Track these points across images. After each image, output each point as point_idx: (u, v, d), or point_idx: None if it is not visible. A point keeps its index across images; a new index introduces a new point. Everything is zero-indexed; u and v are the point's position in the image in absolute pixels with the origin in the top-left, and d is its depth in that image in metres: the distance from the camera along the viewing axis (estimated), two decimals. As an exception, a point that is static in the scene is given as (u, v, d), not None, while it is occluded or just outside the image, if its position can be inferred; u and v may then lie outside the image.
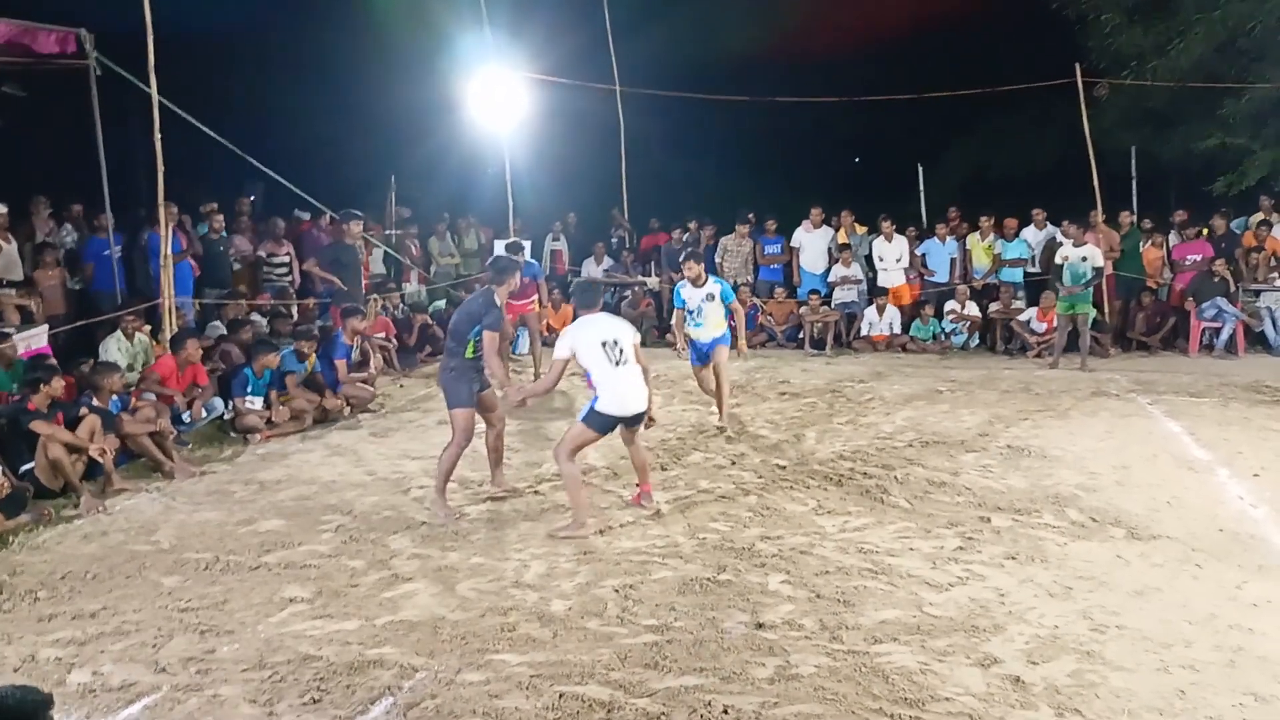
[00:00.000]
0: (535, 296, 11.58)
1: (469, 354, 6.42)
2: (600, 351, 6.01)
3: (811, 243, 14.31)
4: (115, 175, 10.15)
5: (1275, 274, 12.92)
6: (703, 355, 8.85)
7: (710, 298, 8.64)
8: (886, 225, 14.02)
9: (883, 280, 14.03)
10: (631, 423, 6.20)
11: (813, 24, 19.60)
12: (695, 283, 8.69)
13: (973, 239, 14.06)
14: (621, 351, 6.04)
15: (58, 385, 7.26)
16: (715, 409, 9.00)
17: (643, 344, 6.47)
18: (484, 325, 6.34)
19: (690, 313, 8.74)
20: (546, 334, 14.21)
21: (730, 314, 8.88)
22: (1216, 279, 12.70)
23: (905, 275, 14.01)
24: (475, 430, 6.56)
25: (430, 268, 14.68)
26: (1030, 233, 13.93)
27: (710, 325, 8.69)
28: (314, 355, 9.64)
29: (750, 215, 14.77)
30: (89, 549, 5.87)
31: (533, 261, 12.09)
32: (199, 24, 12.82)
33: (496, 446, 6.82)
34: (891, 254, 13.94)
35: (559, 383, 6.34)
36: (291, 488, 7.16)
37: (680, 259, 9.19)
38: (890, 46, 19.40)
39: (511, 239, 11.33)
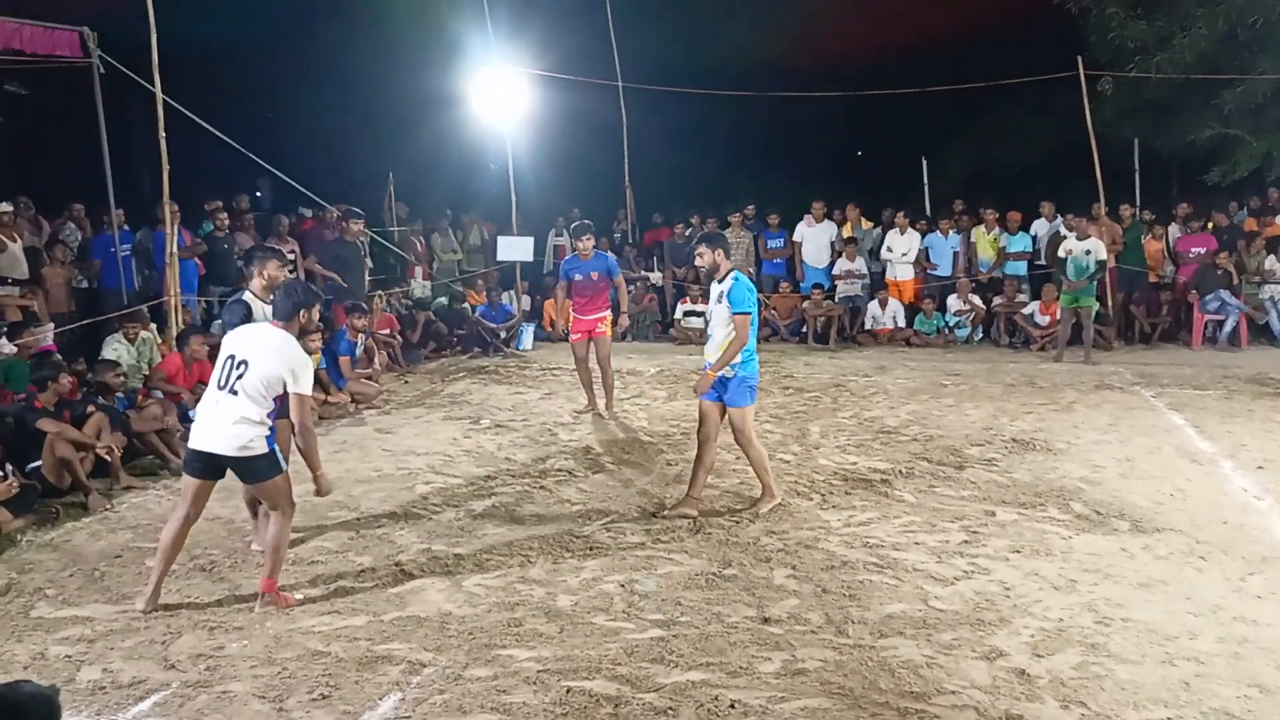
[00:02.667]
0: (606, 311, 9.25)
1: None
2: (220, 365, 4.86)
3: (813, 237, 14.31)
4: (119, 174, 10.18)
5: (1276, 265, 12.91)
6: (714, 390, 6.23)
7: (720, 298, 6.21)
8: (900, 218, 14.03)
9: (891, 273, 14.05)
10: (236, 472, 4.90)
11: (815, 19, 19.58)
12: (712, 275, 6.37)
13: (977, 232, 14.07)
14: (240, 377, 4.74)
15: (65, 383, 7.31)
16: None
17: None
18: (226, 322, 5.47)
19: (706, 321, 7.22)
20: (548, 329, 14.30)
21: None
22: (1220, 271, 12.70)
23: (912, 269, 14.02)
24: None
25: (433, 264, 14.70)
26: (1040, 225, 13.94)
27: (718, 339, 6.21)
28: (320, 351, 9.65)
29: (747, 209, 14.77)
30: (97, 546, 5.90)
31: (605, 254, 9.69)
32: (203, 23, 12.84)
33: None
34: (902, 247, 13.95)
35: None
36: (297, 484, 7.10)
37: (693, 243, 6.73)
38: (893, 41, 19.38)
39: (577, 222, 9.82)
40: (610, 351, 9.38)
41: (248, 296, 5.53)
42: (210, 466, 4.86)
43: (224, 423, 4.74)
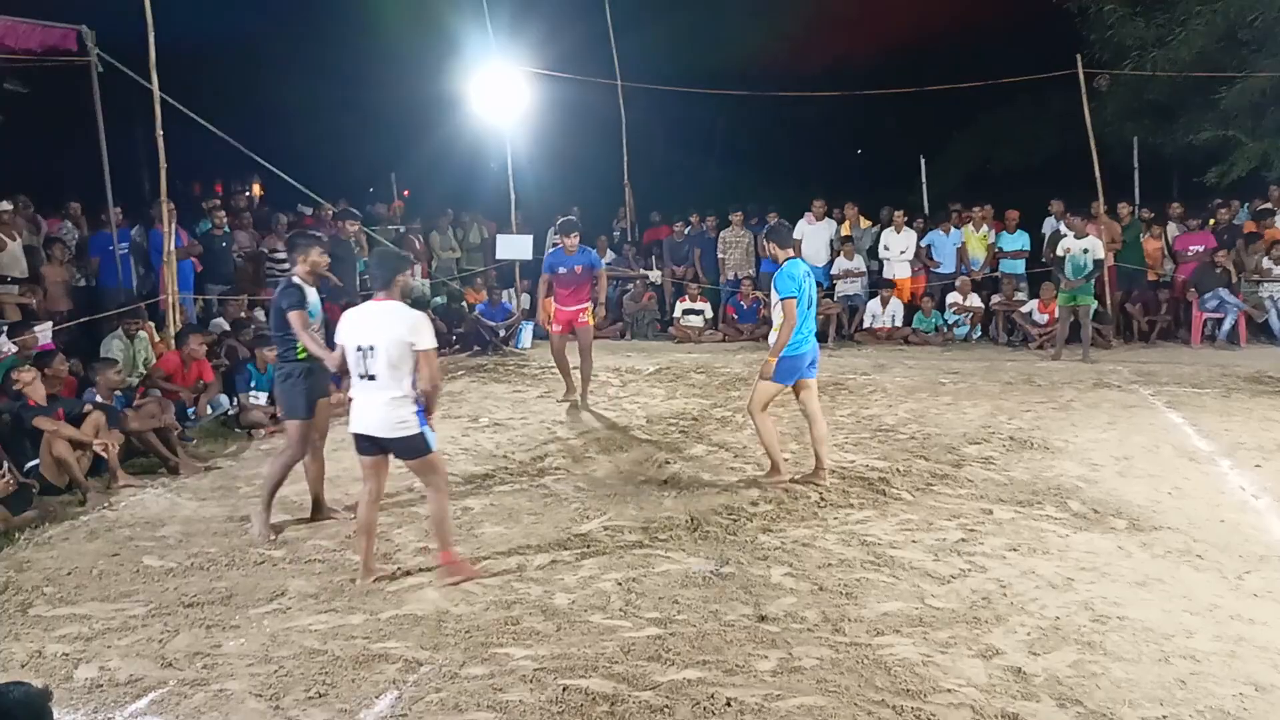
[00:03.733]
0: (588, 303, 9.54)
1: (300, 355, 5.90)
2: (354, 356, 5.08)
3: (814, 235, 14.29)
4: (118, 172, 10.18)
5: (1275, 264, 12.90)
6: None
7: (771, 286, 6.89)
8: (898, 216, 14.02)
9: (888, 272, 14.04)
10: (393, 451, 5.17)
11: (814, 18, 19.59)
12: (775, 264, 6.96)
13: (967, 231, 14.07)
14: (374, 361, 4.98)
15: (32, 374, 7.16)
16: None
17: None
18: (285, 308, 5.76)
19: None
20: (546, 326, 14.24)
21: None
22: (1219, 270, 12.70)
23: (910, 267, 14.01)
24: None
25: (432, 262, 14.69)
26: (1049, 223, 13.94)
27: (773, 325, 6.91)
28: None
29: (744, 210, 14.78)
30: (95, 545, 5.90)
31: (587, 249, 9.89)
32: (201, 21, 12.84)
33: (314, 468, 6.28)
34: (898, 245, 13.94)
35: (336, 366, 5.40)
36: (296, 482, 7.13)
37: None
38: (892, 40, 19.39)
39: (563, 219, 9.88)
40: (591, 341, 9.56)
41: (297, 280, 5.86)
42: (375, 445, 5.12)
43: (376, 407, 5.00)
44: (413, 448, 5.07)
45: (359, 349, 5.01)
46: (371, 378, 4.98)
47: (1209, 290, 12.68)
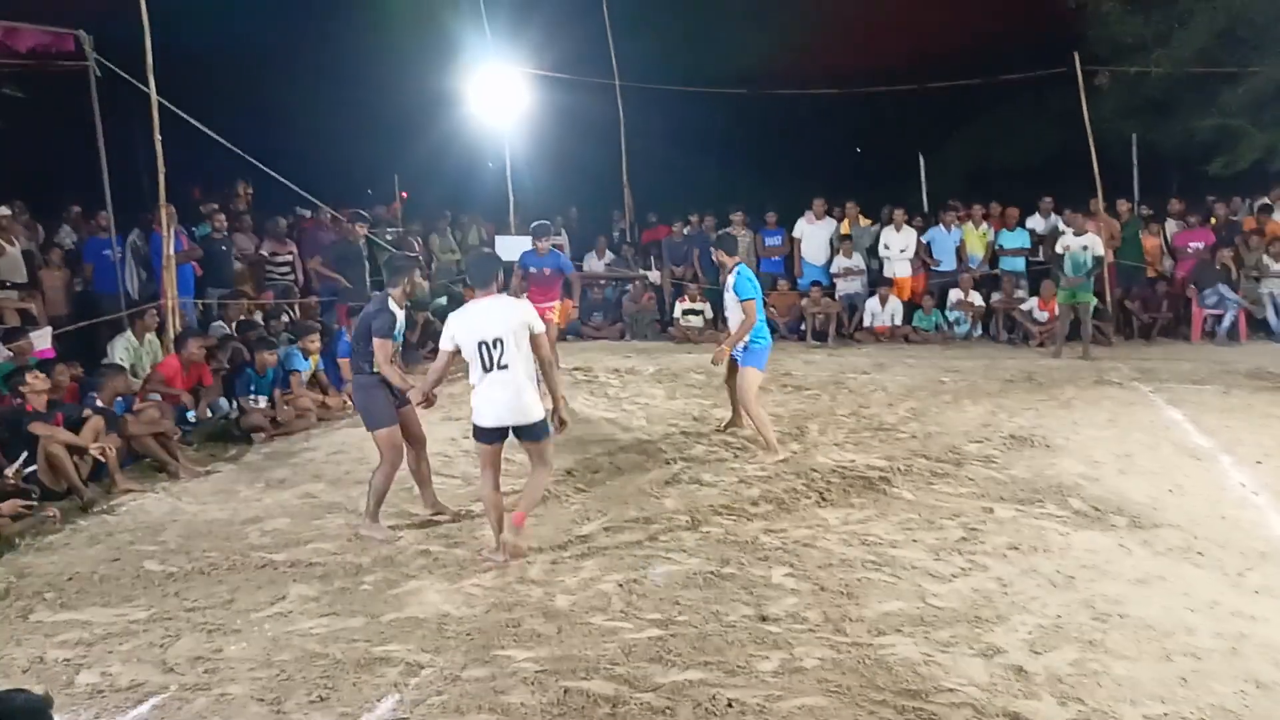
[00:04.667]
0: (556, 301, 9.96)
1: (375, 369, 5.97)
2: (475, 354, 5.34)
3: (814, 234, 14.30)
4: (116, 176, 10.17)
5: (1274, 260, 12.90)
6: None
7: (729, 289, 7.75)
8: (898, 214, 14.01)
9: (889, 270, 14.03)
10: (521, 436, 5.49)
11: (811, 16, 19.55)
12: (724, 270, 7.90)
13: (966, 228, 14.07)
14: (502, 353, 5.30)
15: (42, 380, 7.20)
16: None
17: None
18: (374, 332, 5.87)
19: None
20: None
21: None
22: (1219, 266, 12.70)
23: (910, 266, 14.01)
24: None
25: (432, 264, 14.69)
26: (1036, 221, 13.94)
27: (732, 323, 7.85)
28: (318, 354, 9.65)
29: (740, 212, 14.79)
30: (95, 550, 5.90)
31: (558, 252, 10.40)
32: (198, 24, 12.83)
33: (419, 468, 6.37)
34: (898, 244, 13.94)
35: (441, 376, 5.68)
36: (297, 486, 7.18)
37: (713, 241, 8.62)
38: (890, 37, 19.34)
39: (537, 222, 10.21)
40: (555, 338, 9.56)
41: (391, 305, 5.95)
42: (502, 434, 5.46)
43: (514, 397, 5.33)
44: (537, 431, 5.47)
45: (482, 344, 5.29)
46: (504, 367, 5.29)
47: (1209, 286, 12.68)
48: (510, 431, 5.46)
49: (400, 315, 6.01)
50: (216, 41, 14.86)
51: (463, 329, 5.37)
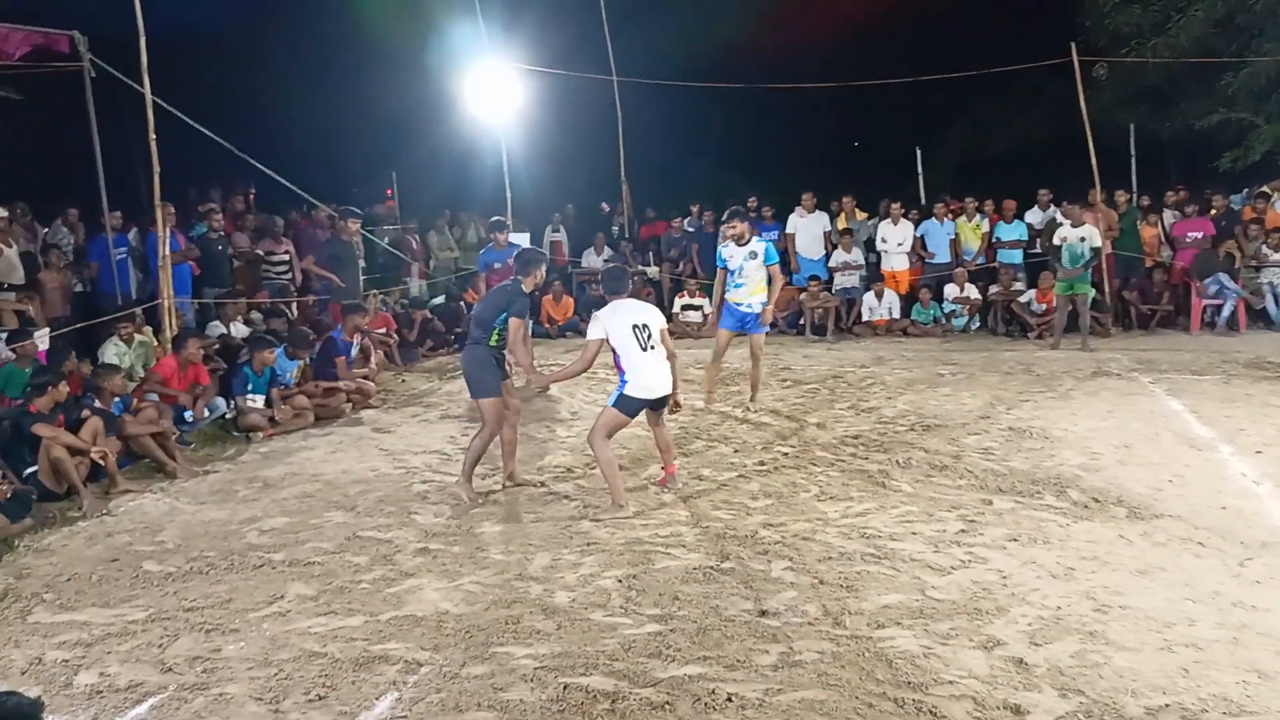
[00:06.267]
0: None
1: (493, 342, 6.54)
2: (631, 335, 6.20)
3: (806, 228, 14.26)
4: (113, 176, 10.16)
5: (1273, 250, 12.88)
6: (738, 319, 8.79)
7: (753, 255, 8.61)
8: (895, 208, 13.98)
9: (886, 264, 14.01)
10: (656, 406, 6.41)
11: (806, 9, 19.55)
12: (739, 241, 8.67)
13: (960, 221, 14.04)
14: (650, 336, 6.25)
15: (64, 390, 7.29)
16: (707, 393, 9.26)
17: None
18: (511, 312, 6.44)
19: (731, 273, 8.75)
20: (546, 325, 14.27)
21: (770, 279, 8.75)
22: (1221, 256, 12.68)
23: (907, 259, 13.98)
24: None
25: (430, 262, 14.68)
26: (1034, 214, 13.92)
27: (750, 286, 8.66)
28: (307, 360, 9.58)
29: (749, 200, 14.76)
30: (94, 551, 5.89)
31: (515, 243, 10.98)
32: (192, 23, 12.81)
33: (511, 439, 6.87)
34: (895, 237, 13.91)
35: (590, 367, 6.42)
36: (295, 485, 7.17)
37: (724, 217, 9.09)
38: (886, 29, 19.34)
39: (495, 218, 10.96)
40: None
41: (526, 290, 6.62)
42: (652, 405, 6.39)
43: (665, 371, 6.30)
44: (666, 400, 6.41)
45: (635, 326, 6.22)
46: (653, 348, 6.25)
47: (1208, 276, 12.66)
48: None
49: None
50: (210, 40, 14.85)
51: (613, 320, 6.26)
